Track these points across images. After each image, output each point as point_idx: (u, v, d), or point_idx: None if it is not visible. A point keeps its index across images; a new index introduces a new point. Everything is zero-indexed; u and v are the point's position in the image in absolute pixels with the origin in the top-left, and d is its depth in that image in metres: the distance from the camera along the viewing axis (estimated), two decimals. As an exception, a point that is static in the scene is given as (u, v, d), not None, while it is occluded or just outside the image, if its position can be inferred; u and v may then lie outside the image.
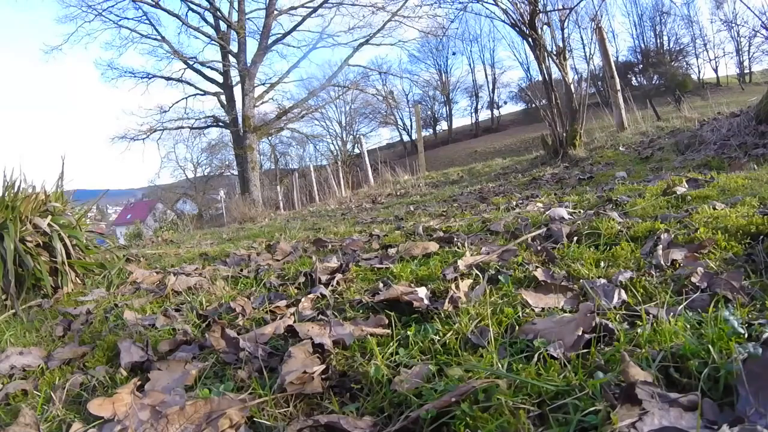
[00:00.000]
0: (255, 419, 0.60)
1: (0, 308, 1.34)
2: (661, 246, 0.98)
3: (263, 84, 14.58)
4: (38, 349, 0.99)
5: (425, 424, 0.53)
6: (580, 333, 0.65)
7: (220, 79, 14.40)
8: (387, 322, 0.85)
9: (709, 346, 0.54)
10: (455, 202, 3.11)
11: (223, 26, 14.33)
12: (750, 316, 0.64)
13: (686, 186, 1.72)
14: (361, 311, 0.95)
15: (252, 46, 14.12)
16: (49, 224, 1.53)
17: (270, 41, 14.14)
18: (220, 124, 15.27)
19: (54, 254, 1.51)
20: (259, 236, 2.84)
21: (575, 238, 1.20)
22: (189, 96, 13.87)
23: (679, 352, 0.56)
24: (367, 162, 9.94)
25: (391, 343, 0.75)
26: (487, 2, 5.06)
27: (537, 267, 1.00)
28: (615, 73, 5.35)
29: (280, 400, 0.64)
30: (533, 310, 0.80)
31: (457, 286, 0.95)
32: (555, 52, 4.66)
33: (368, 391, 0.63)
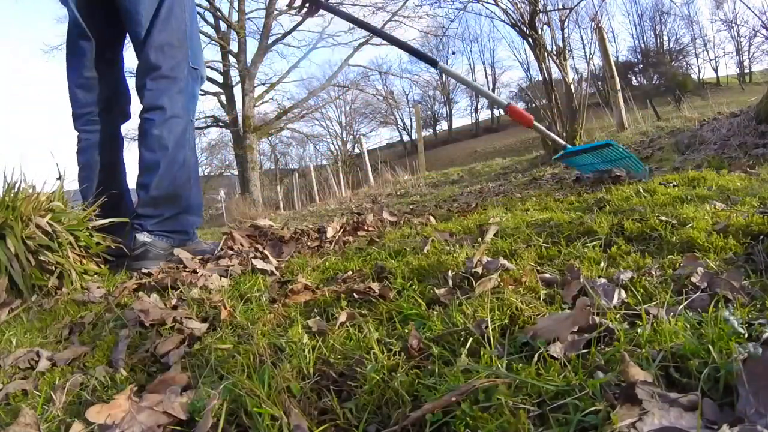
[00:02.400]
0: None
1: (1, 308, 1.34)
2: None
3: (263, 84, 14.61)
4: (44, 350, 0.99)
5: (426, 425, 0.53)
6: (575, 329, 0.65)
7: (220, 78, 14.41)
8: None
9: (709, 346, 0.54)
10: (455, 202, 3.11)
11: (223, 26, 14.34)
12: (750, 316, 0.64)
13: (686, 185, 1.72)
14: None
15: (252, 46, 14.13)
16: (50, 224, 1.53)
17: (270, 41, 14.15)
18: (220, 124, 15.28)
19: (55, 254, 1.51)
20: (259, 236, 2.84)
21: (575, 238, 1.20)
22: (189, 96, 13.85)
23: (679, 352, 0.56)
24: (367, 162, 9.94)
25: (391, 341, 0.75)
26: (487, 2, 5.07)
27: (537, 266, 1.00)
28: (615, 73, 5.35)
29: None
30: (533, 309, 0.80)
31: (456, 285, 0.95)
32: (555, 52, 4.67)
33: (368, 391, 0.63)
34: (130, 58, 1.94)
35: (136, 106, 1.87)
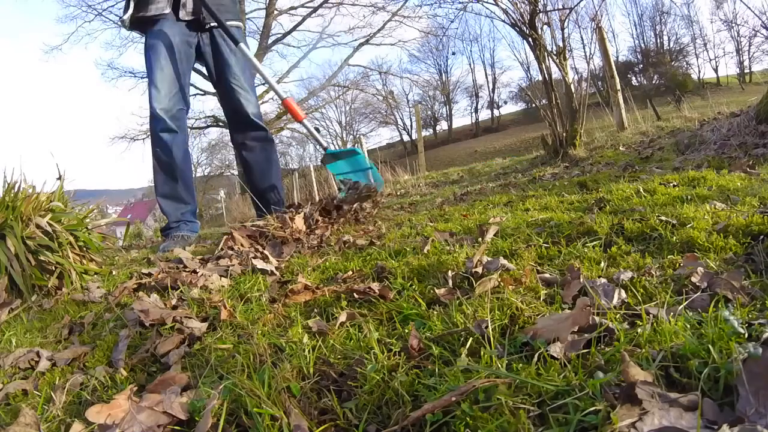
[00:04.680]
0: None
1: (1, 308, 1.34)
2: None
3: (263, 84, 14.56)
4: (44, 350, 0.99)
5: (426, 425, 0.53)
6: (576, 329, 0.65)
7: (220, 78, 14.34)
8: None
9: (709, 346, 0.54)
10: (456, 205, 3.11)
11: (223, 26, 14.26)
12: (750, 316, 0.64)
13: (686, 185, 1.72)
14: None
15: (252, 46, 14.10)
16: (50, 224, 1.53)
17: (270, 41, 14.14)
18: (220, 124, 15.27)
19: (55, 254, 1.51)
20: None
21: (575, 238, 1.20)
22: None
23: (679, 352, 0.56)
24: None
25: (391, 341, 0.75)
26: (487, 2, 5.05)
27: (537, 266, 1.00)
28: (615, 72, 5.35)
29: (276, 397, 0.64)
30: (533, 309, 0.80)
31: (456, 285, 0.95)
32: (555, 52, 4.66)
33: (368, 391, 0.63)
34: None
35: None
